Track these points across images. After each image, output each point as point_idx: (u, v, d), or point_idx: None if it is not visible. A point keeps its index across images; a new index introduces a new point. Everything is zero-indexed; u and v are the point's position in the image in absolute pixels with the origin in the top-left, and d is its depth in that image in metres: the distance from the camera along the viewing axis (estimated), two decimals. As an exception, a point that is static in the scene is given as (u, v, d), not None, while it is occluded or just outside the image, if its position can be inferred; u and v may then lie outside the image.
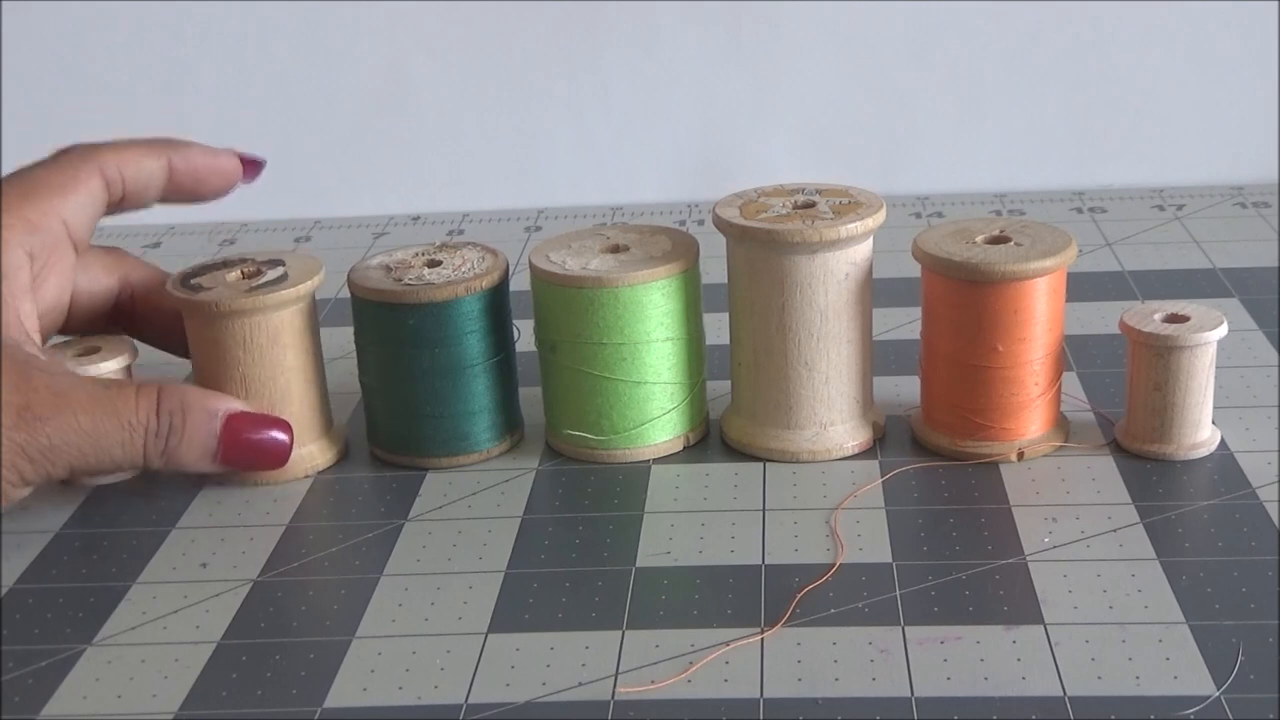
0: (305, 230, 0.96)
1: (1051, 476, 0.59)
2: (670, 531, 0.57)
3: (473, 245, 0.64)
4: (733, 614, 0.51)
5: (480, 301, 0.61)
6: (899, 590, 0.52)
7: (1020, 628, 0.49)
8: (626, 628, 0.51)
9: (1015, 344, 0.58)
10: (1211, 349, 0.58)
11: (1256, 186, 0.94)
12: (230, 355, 0.60)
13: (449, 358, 0.61)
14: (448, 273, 0.61)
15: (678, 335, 0.61)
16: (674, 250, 0.61)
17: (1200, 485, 0.58)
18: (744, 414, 0.63)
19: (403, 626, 0.52)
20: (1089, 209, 0.92)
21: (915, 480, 0.59)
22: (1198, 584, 0.51)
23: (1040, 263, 0.57)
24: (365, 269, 0.62)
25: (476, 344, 0.61)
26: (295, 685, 0.49)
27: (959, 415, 0.60)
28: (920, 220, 0.92)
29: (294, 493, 0.61)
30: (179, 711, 0.48)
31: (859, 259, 0.59)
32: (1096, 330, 0.72)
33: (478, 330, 0.61)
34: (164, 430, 0.54)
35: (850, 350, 0.60)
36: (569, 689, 0.48)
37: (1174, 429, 0.59)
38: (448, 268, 0.62)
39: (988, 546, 0.54)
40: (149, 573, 0.56)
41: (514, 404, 0.64)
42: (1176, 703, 0.45)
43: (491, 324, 0.62)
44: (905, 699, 0.46)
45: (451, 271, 0.61)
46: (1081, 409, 0.64)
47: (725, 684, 0.48)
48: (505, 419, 0.64)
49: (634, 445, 0.62)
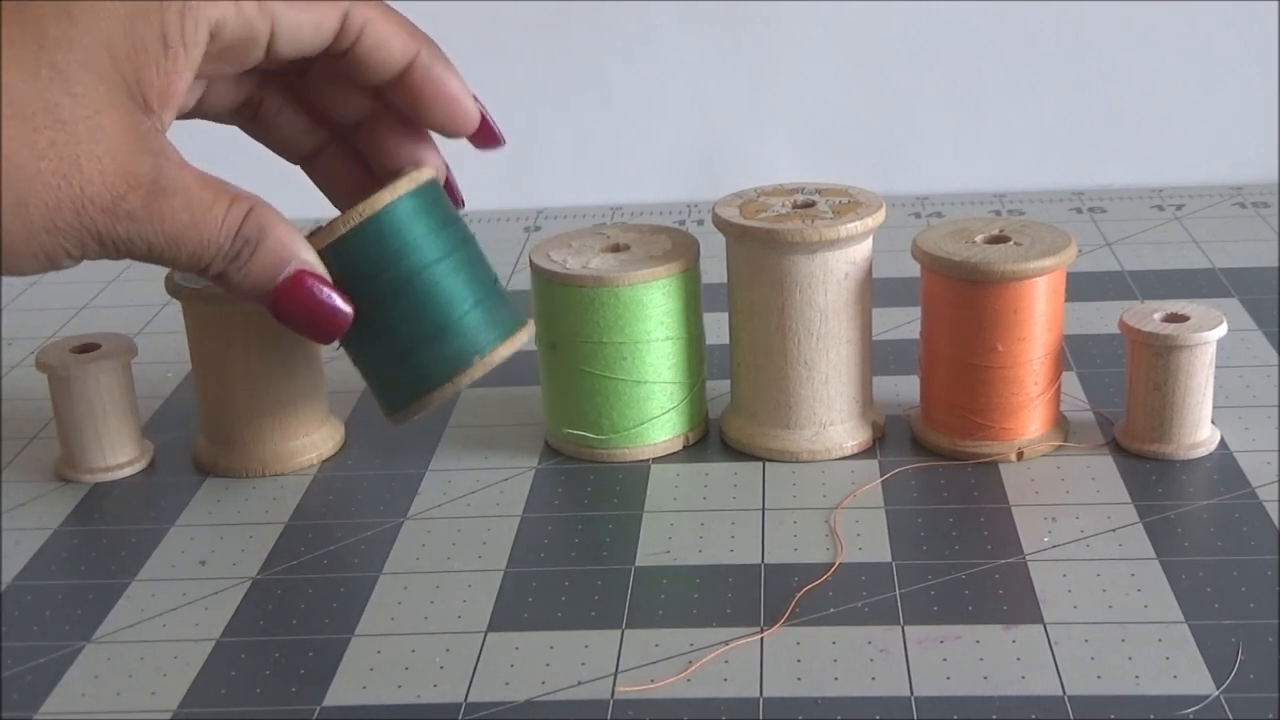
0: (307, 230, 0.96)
1: (1051, 476, 0.59)
2: (670, 531, 0.57)
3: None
4: (732, 613, 0.51)
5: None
6: (898, 590, 0.52)
7: (1020, 627, 0.49)
8: (626, 627, 0.51)
9: (1015, 344, 0.58)
10: (1211, 349, 0.58)
11: (1256, 186, 0.94)
12: (235, 345, 0.61)
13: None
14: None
15: (678, 334, 0.61)
16: (674, 250, 0.61)
17: (1200, 485, 0.58)
18: (743, 414, 0.63)
19: (402, 625, 0.52)
20: (1088, 209, 0.92)
21: (915, 480, 0.59)
22: (1197, 584, 0.51)
23: (1040, 262, 0.57)
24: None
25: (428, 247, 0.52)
26: (294, 683, 0.49)
27: (959, 415, 0.60)
28: (920, 220, 0.92)
29: (293, 490, 0.61)
30: (178, 709, 0.48)
31: (859, 259, 0.59)
32: (1096, 330, 0.72)
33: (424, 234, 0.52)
34: (232, 254, 0.49)
35: (850, 350, 0.60)
36: (568, 688, 0.48)
37: (1173, 429, 0.59)
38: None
39: (987, 546, 0.54)
40: (148, 570, 0.56)
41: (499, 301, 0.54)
42: (1176, 702, 0.45)
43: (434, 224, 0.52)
44: (905, 699, 0.46)
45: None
46: (1081, 409, 0.64)
47: (725, 683, 0.48)
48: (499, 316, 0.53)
49: (634, 444, 0.62)
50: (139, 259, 0.47)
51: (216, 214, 0.48)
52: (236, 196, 0.48)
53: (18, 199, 0.43)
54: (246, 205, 0.49)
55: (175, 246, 0.47)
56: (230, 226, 0.48)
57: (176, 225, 0.47)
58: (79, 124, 0.44)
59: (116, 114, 0.45)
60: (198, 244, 0.47)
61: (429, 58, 0.52)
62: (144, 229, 0.46)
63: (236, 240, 0.48)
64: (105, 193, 0.45)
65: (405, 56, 0.52)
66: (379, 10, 0.51)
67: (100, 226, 0.45)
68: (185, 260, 0.48)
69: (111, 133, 0.45)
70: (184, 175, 0.47)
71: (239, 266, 0.49)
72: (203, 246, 0.48)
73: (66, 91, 0.44)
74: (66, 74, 0.44)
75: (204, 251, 0.48)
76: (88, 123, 0.44)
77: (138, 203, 0.46)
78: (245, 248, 0.49)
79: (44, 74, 0.44)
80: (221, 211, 0.48)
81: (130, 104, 0.46)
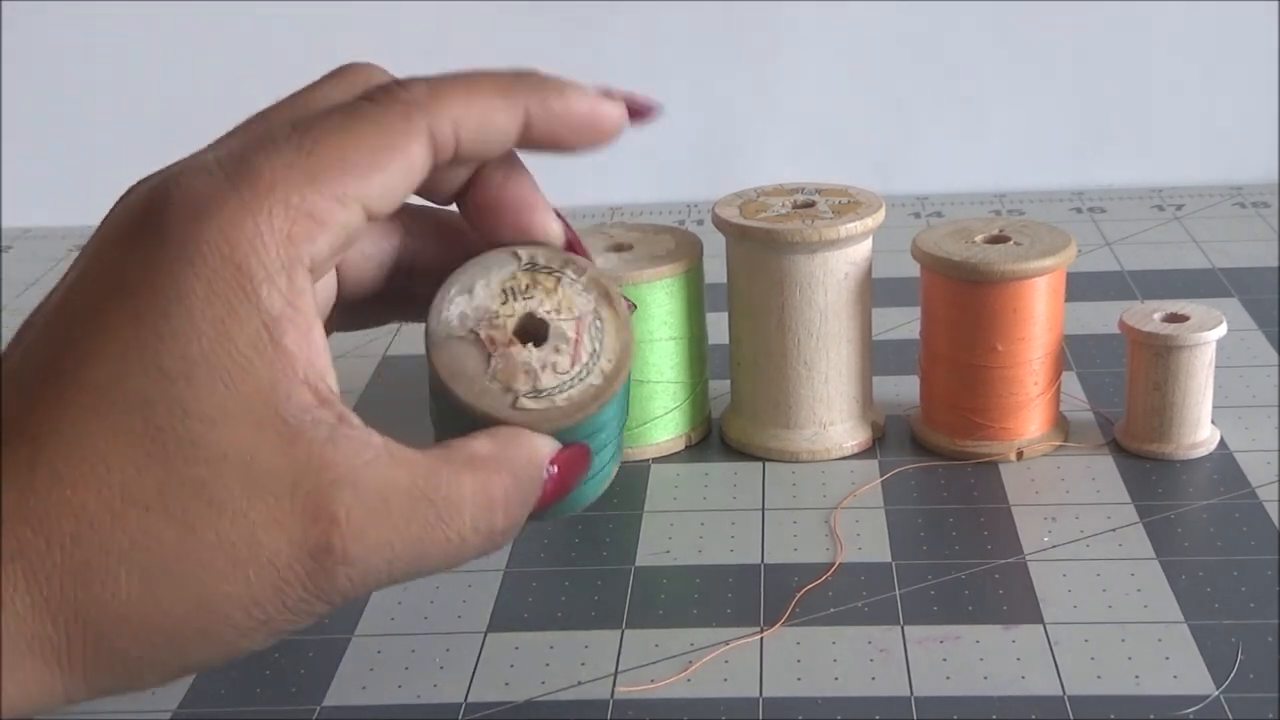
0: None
1: (1051, 476, 0.59)
2: (670, 531, 0.57)
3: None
4: (732, 613, 0.51)
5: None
6: (898, 590, 0.52)
7: (1020, 627, 0.49)
8: (626, 627, 0.51)
9: (1015, 343, 0.58)
10: (1211, 349, 0.58)
11: (1256, 186, 0.94)
12: None
13: None
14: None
15: (680, 334, 0.61)
16: (677, 249, 0.61)
17: (1200, 485, 0.58)
18: (743, 413, 0.63)
19: (402, 625, 0.52)
20: (1088, 209, 0.92)
21: (915, 480, 0.59)
22: (1197, 584, 0.51)
23: (1040, 262, 0.57)
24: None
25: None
26: (294, 684, 0.49)
27: (958, 415, 0.60)
28: (920, 220, 0.92)
29: (293, 491, 0.61)
30: (177, 710, 0.48)
31: (858, 259, 0.59)
32: (1096, 330, 0.72)
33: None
34: (494, 527, 0.38)
35: (850, 350, 0.60)
36: (568, 688, 0.48)
37: (1173, 429, 0.59)
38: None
39: (987, 546, 0.54)
40: (148, 571, 0.56)
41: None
42: (1176, 702, 0.45)
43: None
44: (905, 699, 0.46)
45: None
46: (1081, 409, 0.64)
47: (725, 683, 0.48)
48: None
49: (635, 444, 0.62)
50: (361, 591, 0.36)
51: (455, 501, 0.37)
52: (468, 461, 0.37)
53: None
54: (490, 467, 0.37)
55: (423, 559, 0.37)
56: (478, 503, 0.37)
57: (406, 541, 0.36)
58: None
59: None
60: (444, 544, 0.37)
61: (536, 101, 0.41)
62: (368, 568, 0.35)
63: (495, 512, 0.38)
64: (301, 556, 0.35)
65: (516, 125, 0.41)
66: (455, 103, 0.39)
67: (314, 591, 0.35)
68: (439, 564, 0.37)
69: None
70: (391, 470, 0.36)
71: (510, 525, 0.38)
72: (458, 543, 0.37)
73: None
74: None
75: (462, 547, 0.37)
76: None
77: (351, 543, 0.35)
78: (508, 510, 0.38)
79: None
80: (460, 494, 0.37)
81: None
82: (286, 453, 0.34)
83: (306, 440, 0.35)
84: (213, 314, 0.34)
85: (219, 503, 0.34)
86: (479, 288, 0.40)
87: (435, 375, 0.39)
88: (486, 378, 0.39)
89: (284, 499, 0.34)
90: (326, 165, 0.36)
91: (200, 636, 0.34)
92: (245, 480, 0.34)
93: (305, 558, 0.34)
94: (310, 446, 0.35)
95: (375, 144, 0.37)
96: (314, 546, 0.34)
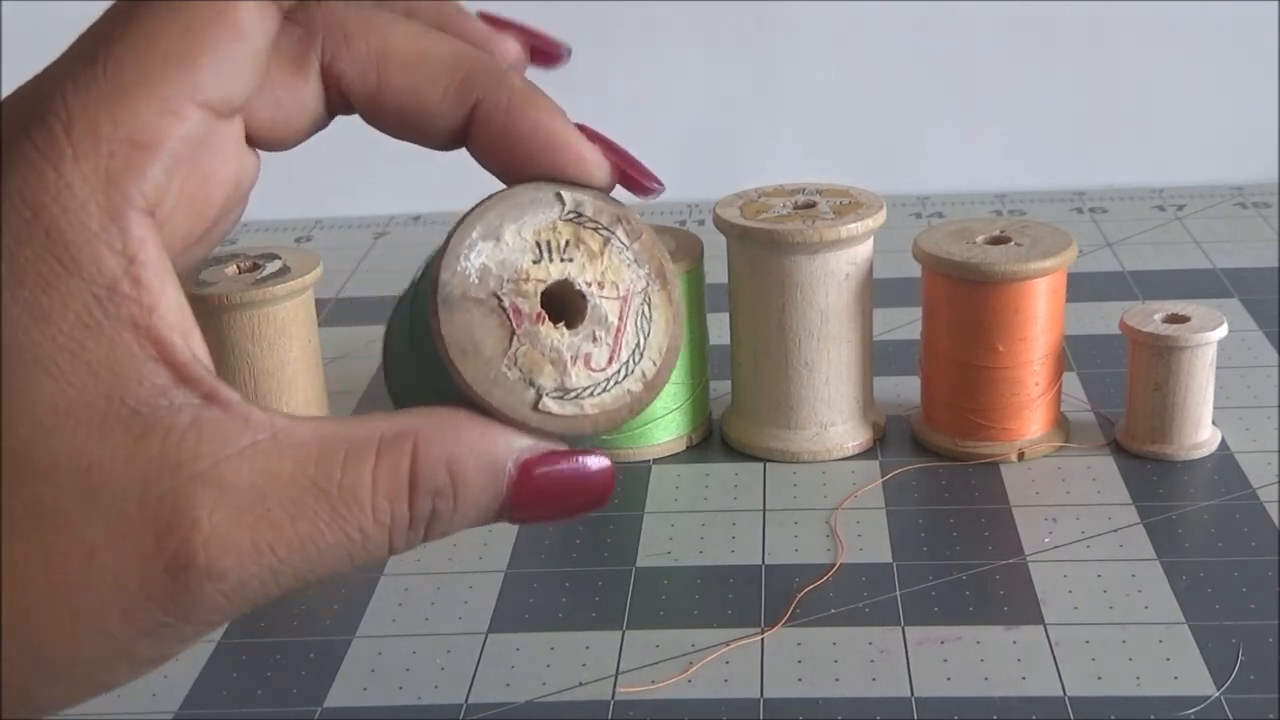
0: (306, 230, 0.96)
1: (1051, 476, 0.59)
2: (671, 531, 0.57)
3: None
4: (733, 614, 0.51)
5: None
6: (899, 590, 0.52)
7: (1020, 628, 0.49)
8: (627, 628, 0.51)
9: (1015, 344, 0.58)
10: (1211, 349, 0.58)
11: (1256, 187, 0.94)
12: (239, 349, 0.61)
13: None
14: None
15: (678, 335, 0.61)
16: (679, 250, 0.61)
17: (1200, 485, 0.58)
18: (744, 414, 0.63)
19: (403, 626, 0.52)
20: (1089, 209, 0.92)
21: (915, 480, 0.59)
22: (1198, 584, 0.51)
23: (1040, 263, 0.57)
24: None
25: None
26: (295, 685, 0.49)
27: (959, 415, 0.60)
28: (920, 220, 0.92)
29: (294, 492, 0.61)
30: (179, 711, 0.48)
31: (859, 259, 0.59)
32: (1096, 330, 0.72)
33: None
34: (420, 519, 0.31)
35: (850, 350, 0.60)
36: (569, 689, 0.48)
37: (1174, 429, 0.59)
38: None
39: (988, 546, 0.54)
40: (149, 572, 0.56)
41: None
42: (1176, 703, 0.45)
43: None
44: (905, 699, 0.46)
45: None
46: (1081, 409, 0.64)
47: (725, 684, 0.48)
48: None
49: (637, 445, 0.62)
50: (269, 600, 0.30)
51: (359, 489, 0.30)
52: (381, 446, 0.30)
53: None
54: (404, 450, 0.30)
55: (319, 559, 0.30)
56: (389, 492, 0.30)
57: (298, 538, 0.29)
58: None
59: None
60: (347, 541, 0.30)
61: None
62: (244, 576, 0.29)
63: (418, 503, 0.30)
64: (137, 571, 0.28)
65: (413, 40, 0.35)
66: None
67: (170, 619, 0.29)
68: (346, 565, 0.31)
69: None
70: (275, 456, 0.29)
71: (443, 525, 0.31)
72: (361, 539, 0.30)
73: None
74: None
75: (366, 544, 0.30)
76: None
77: (214, 554, 0.29)
78: (440, 500, 0.31)
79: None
80: (365, 480, 0.30)
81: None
82: (135, 451, 0.28)
83: (162, 431, 0.28)
84: (23, 297, 0.28)
85: (49, 521, 0.28)
86: (509, 233, 0.31)
87: (438, 345, 0.30)
88: (505, 362, 0.30)
89: (129, 508, 0.28)
90: (135, 73, 0.28)
91: (48, 677, 0.29)
92: (80, 491, 0.28)
93: (161, 576, 0.28)
94: (166, 439, 0.28)
95: (186, 25, 0.29)
96: (170, 561, 0.28)
